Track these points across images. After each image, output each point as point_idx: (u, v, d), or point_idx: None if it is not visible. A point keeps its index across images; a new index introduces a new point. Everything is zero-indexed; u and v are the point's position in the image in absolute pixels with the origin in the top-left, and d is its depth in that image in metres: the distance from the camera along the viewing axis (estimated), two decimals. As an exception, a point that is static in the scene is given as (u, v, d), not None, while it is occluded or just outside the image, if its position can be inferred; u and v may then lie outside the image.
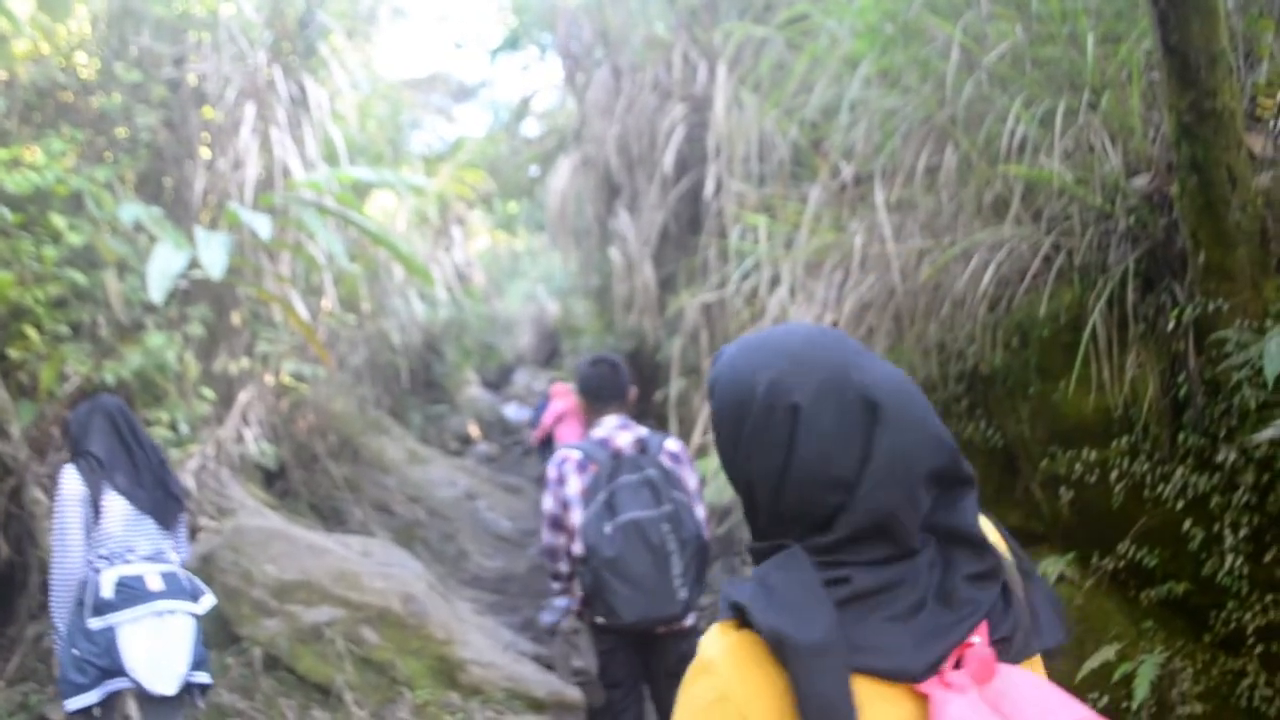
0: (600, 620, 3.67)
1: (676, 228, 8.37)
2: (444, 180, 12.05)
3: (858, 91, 4.66)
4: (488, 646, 5.75)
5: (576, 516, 3.70)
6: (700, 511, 3.82)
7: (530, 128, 13.83)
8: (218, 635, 5.40)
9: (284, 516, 7.01)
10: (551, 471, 3.84)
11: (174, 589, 3.76)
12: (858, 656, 1.12)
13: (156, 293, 4.97)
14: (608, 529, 3.57)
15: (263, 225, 5.45)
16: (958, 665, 1.15)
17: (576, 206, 10.06)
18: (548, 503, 3.81)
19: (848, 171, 4.88)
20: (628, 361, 4.78)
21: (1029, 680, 1.16)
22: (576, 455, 3.82)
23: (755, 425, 1.24)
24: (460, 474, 11.67)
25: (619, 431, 3.86)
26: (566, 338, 15.62)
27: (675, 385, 7.07)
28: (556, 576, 3.84)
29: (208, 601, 3.91)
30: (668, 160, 7.83)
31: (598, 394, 3.98)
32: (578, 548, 3.64)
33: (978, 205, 4.11)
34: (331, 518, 8.36)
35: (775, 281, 5.07)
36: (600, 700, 3.67)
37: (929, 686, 1.13)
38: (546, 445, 8.85)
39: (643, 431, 3.91)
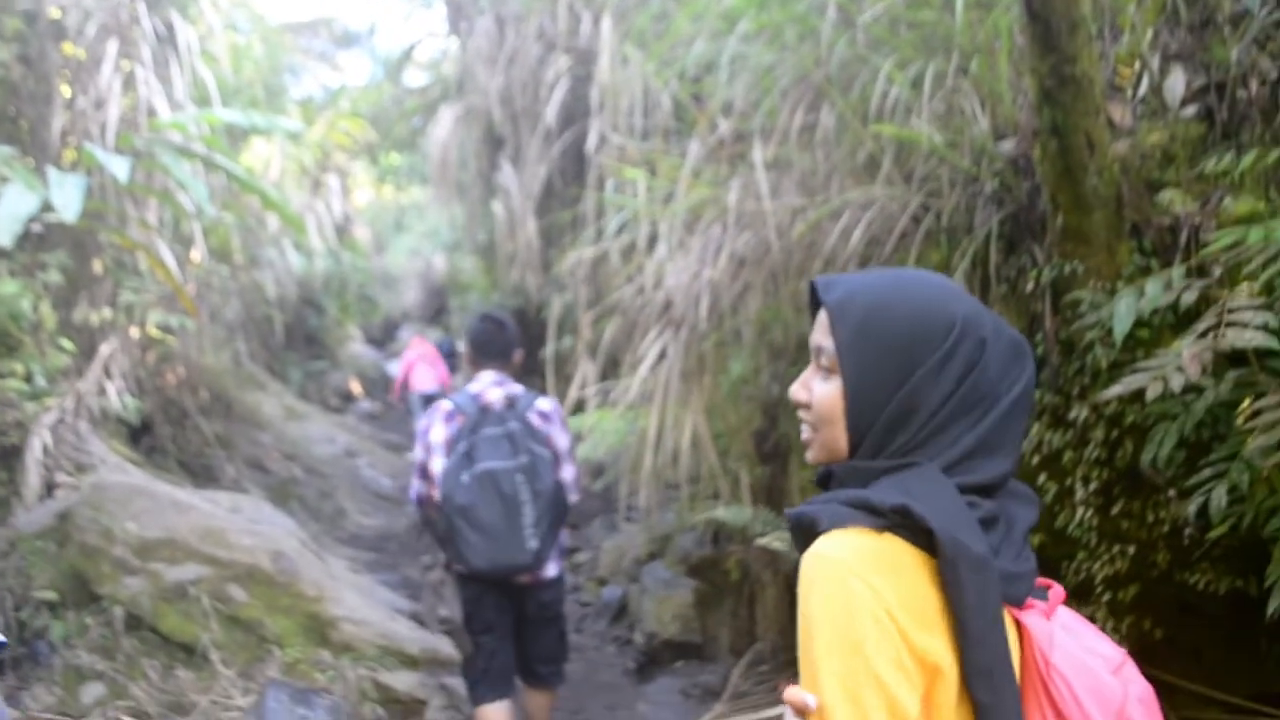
0: (460, 569, 3.76)
1: (561, 182, 8.29)
2: (322, 128, 11.69)
3: (736, 47, 4.65)
4: (362, 604, 5.65)
5: (437, 464, 3.80)
6: (570, 469, 3.93)
7: (414, 77, 13.50)
8: (76, 594, 5.20)
9: (149, 473, 6.76)
10: (423, 421, 3.96)
11: None
12: None
13: (4, 235, 4.71)
14: (465, 478, 3.69)
15: (120, 167, 5.20)
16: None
17: (460, 159, 9.87)
18: (418, 451, 3.93)
19: (726, 127, 4.88)
20: (514, 319, 4.80)
21: (1073, 617, 1.36)
22: (448, 406, 3.93)
23: (946, 353, 1.29)
24: (340, 431, 11.45)
25: (492, 387, 3.95)
26: (454, 294, 15.39)
27: (554, 344, 7.01)
28: (428, 522, 3.91)
29: None
30: (551, 113, 7.73)
31: (481, 349, 4.08)
32: (437, 494, 3.72)
33: (851, 164, 4.15)
34: (202, 475, 8.10)
35: (654, 237, 5.06)
36: (467, 648, 3.76)
37: (1026, 615, 1.29)
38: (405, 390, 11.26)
39: (516, 389, 3.99)
